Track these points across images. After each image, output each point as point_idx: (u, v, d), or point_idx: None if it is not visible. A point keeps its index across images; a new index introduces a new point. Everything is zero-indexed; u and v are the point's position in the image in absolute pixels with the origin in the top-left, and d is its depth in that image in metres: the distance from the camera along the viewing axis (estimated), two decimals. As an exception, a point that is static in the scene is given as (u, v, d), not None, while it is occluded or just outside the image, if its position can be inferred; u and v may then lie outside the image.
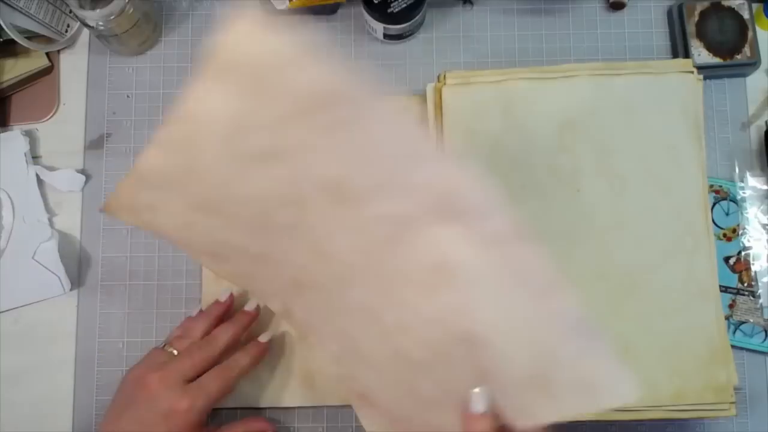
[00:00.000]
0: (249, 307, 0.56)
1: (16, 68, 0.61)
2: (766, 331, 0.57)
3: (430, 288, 0.40)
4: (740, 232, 0.59)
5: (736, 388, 0.54)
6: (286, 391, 0.57)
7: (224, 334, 0.53)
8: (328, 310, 0.48)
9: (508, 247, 0.38)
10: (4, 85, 0.61)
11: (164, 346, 0.53)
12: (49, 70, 0.62)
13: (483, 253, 0.38)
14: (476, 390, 0.41)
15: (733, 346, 0.55)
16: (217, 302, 0.56)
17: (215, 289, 0.58)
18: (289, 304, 0.52)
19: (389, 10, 0.59)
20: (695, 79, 0.57)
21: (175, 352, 0.52)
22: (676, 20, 0.62)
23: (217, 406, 0.53)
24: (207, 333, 0.54)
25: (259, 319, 0.56)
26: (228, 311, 0.56)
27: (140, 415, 0.49)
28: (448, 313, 0.40)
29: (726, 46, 0.60)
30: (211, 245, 0.49)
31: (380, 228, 0.40)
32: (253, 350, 0.54)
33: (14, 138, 0.60)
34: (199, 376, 0.51)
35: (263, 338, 0.55)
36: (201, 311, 0.56)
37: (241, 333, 0.54)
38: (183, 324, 0.55)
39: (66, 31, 0.63)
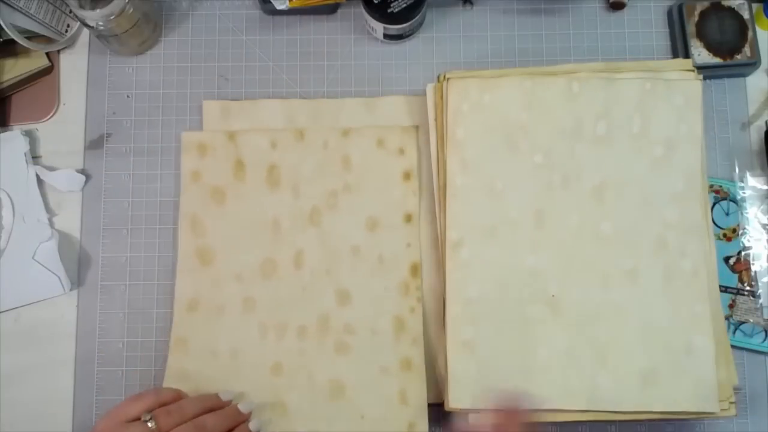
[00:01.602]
0: (244, 408, 0.53)
1: (16, 68, 0.61)
2: (766, 331, 0.57)
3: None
4: (740, 232, 0.59)
5: (736, 388, 0.54)
6: None
7: (215, 425, 0.49)
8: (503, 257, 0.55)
9: (685, 279, 0.54)
10: (4, 85, 0.61)
11: (148, 419, 0.47)
12: (49, 70, 0.62)
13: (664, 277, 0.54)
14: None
15: (733, 346, 0.55)
16: (216, 396, 0.53)
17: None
18: (467, 239, 0.55)
19: (389, 10, 0.59)
20: (695, 79, 0.57)
21: (152, 425, 0.47)
22: (676, 20, 0.62)
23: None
24: (196, 416, 0.49)
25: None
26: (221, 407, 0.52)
27: None
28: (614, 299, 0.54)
29: (726, 46, 0.60)
30: None
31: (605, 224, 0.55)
32: None
33: (14, 138, 0.60)
34: None
35: (253, 426, 0.52)
36: (199, 396, 0.53)
37: (229, 428, 0.51)
38: (171, 396, 0.51)
39: (66, 31, 0.63)
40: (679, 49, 0.61)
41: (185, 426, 0.48)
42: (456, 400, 0.53)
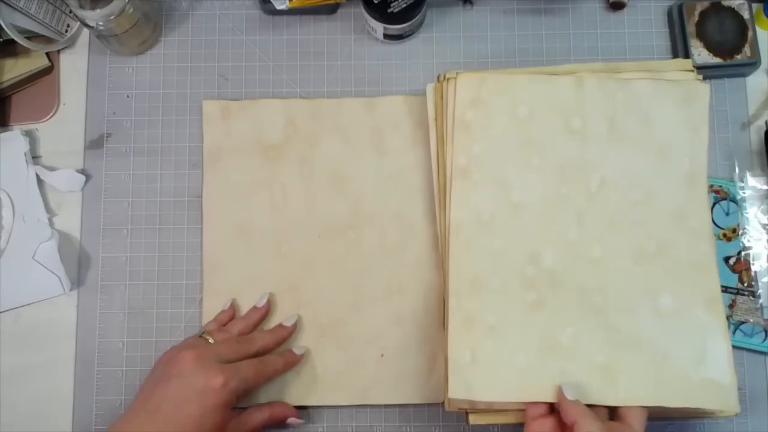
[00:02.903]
0: (288, 322, 0.57)
1: (16, 68, 0.61)
2: (766, 331, 0.57)
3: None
4: (740, 232, 0.59)
5: (736, 388, 0.54)
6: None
7: (262, 338, 0.54)
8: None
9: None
10: (4, 85, 0.61)
11: (201, 334, 0.54)
12: (49, 70, 0.62)
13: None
14: (567, 383, 0.50)
15: (733, 346, 0.55)
16: (255, 308, 0.57)
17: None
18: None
19: (389, 10, 0.59)
20: (695, 79, 0.57)
21: (212, 340, 0.53)
22: (676, 20, 0.62)
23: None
24: (244, 334, 0.55)
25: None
26: (264, 317, 0.57)
27: (172, 392, 0.48)
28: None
29: (726, 46, 0.60)
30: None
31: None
32: (289, 357, 0.55)
33: (14, 138, 0.60)
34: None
35: (299, 351, 0.56)
36: (231, 306, 0.57)
37: (277, 345, 0.56)
38: (218, 318, 0.57)
39: (66, 31, 0.63)
40: (679, 49, 0.61)
41: (236, 338, 0.54)
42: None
